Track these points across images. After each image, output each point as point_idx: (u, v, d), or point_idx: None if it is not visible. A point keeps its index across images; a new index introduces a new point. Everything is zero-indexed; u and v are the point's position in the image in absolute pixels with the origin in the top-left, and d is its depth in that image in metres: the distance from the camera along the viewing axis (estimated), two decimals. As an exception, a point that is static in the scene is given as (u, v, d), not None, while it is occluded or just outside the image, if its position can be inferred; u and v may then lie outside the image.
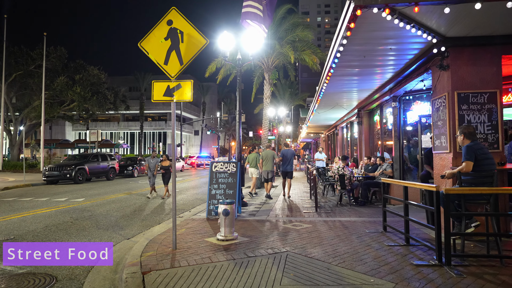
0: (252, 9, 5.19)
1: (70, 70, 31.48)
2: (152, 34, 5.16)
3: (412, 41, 5.50)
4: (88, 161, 18.88)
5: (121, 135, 60.19)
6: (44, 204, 10.25)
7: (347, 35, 4.62)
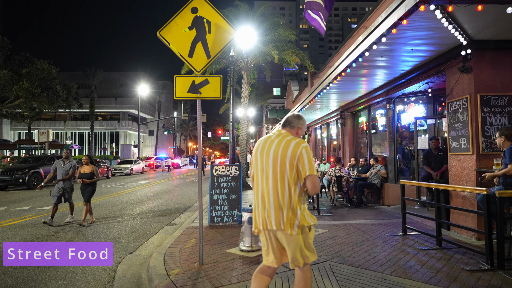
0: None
1: (15, 63, 28.39)
2: (174, 23, 4.56)
3: (436, 42, 5.48)
4: (43, 164, 17.06)
5: (68, 135, 55.93)
6: (5, 214, 8.92)
7: (393, 32, 4.42)
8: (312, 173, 2.56)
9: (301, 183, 2.62)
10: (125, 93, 56.90)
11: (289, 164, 2.59)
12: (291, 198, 2.58)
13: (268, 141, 2.78)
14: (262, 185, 2.71)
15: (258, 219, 2.72)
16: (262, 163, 2.72)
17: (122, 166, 28.01)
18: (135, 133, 55.65)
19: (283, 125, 2.87)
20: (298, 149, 2.59)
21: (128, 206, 10.50)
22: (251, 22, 13.34)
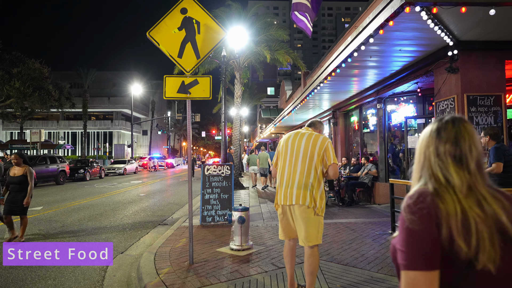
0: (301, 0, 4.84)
1: (6, 62, 28.07)
2: (163, 23, 4.58)
3: (424, 43, 5.57)
4: (35, 164, 16.92)
5: (61, 135, 55.45)
6: (-4, 215, 8.85)
7: (380, 33, 4.49)
8: (335, 162, 3.21)
9: (323, 169, 3.20)
10: (118, 92, 56.57)
11: (317, 153, 3.18)
12: (315, 180, 3.15)
13: (298, 134, 3.36)
14: (290, 168, 3.25)
15: (280, 197, 3.26)
16: (293, 150, 3.28)
17: (115, 166, 27.88)
18: (128, 133, 55.34)
19: (309, 126, 3.55)
20: (325, 143, 3.23)
21: (120, 206, 10.48)
22: (244, 22, 13.37)
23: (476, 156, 1.11)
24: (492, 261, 0.97)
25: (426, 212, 1.01)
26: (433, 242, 0.99)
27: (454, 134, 1.14)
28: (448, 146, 1.12)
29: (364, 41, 4.91)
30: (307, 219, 3.11)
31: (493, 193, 1.07)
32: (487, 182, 1.11)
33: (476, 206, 1.03)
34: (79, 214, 8.90)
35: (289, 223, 3.29)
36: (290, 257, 3.41)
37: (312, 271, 3.16)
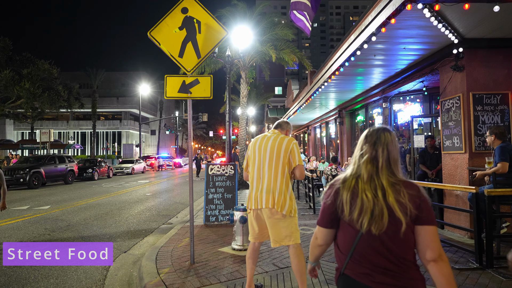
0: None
1: (16, 63, 28.53)
2: (164, 23, 4.59)
3: (428, 41, 5.48)
4: (44, 164, 17.16)
5: (71, 135, 56.15)
6: (4, 214, 8.98)
7: (382, 31, 4.43)
8: (301, 163, 3.26)
9: (289, 171, 3.25)
10: (126, 92, 57.07)
11: (283, 155, 3.24)
12: (282, 183, 3.21)
13: (265, 138, 3.44)
14: (258, 172, 3.32)
15: (251, 200, 3.32)
16: (260, 154, 3.34)
17: (123, 165, 28.12)
18: (137, 133, 55.77)
19: (275, 127, 3.58)
20: (290, 145, 3.28)
21: (126, 205, 10.56)
22: (249, 21, 13.35)
23: (386, 156, 1.55)
24: (373, 228, 1.45)
25: (330, 191, 1.62)
26: (329, 213, 1.60)
27: (374, 140, 1.60)
28: (368, 147, 1.60)
29: (366, 39, 4.86)
30: (277, 221, 3.19)
31: (392, 182, 1.51)
32: (392, 174, 1.54)
33: (369, 191, 1.50)
34: (85, 213, 8.99)
35: (262, 226, 3.33)
36: (253, 258, 3.46)
37: (299, 270, 3.20)
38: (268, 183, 3.22)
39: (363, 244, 1.49)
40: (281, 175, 3.21)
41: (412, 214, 1.45)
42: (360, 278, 1.49)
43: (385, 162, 1.54)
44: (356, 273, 1.51)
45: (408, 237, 1.46)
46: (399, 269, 1.46)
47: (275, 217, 3.18)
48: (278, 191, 3.18)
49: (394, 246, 1.46)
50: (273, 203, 3.16)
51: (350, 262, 1.53)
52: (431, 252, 1.45)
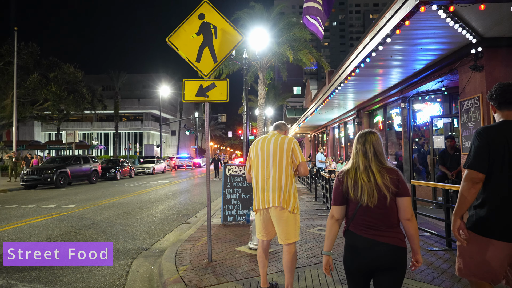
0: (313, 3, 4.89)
1: (43, 67, 29.76)
2: (182, 29, 4.76)
3: (446, 41, 5.43)
4: (69, 164, 17.84)
5: (95, 136, 57.90)
6: (33, 212, 9.47)
7: (397, 33, 4.44)
8: (303, 160, 3.42)
9: (294, 169, 3.43)
10: (147, 94, 58.31)
11: (286, 154, 3.40)
12: (287, 181, 3.37)
13: (265, 140, 3.58)
14: (262, 173, 3.46)
15: (257, 201, 3.48)
16: (263, 155, 3.48)
17: (145, 165, 28.80)
18: (157, 133, 56.88)
19: (274, 129, 3.71)
20: (291, 144, 3.43)
21: (147, 204, 10.87)
22: (266, 23, 13.45)
23: (373, 151, 2.23)
24: (369, 202, 2.14)
25: (338, 181, 2.29)
26: (339, 195, 2.27)
27: (363, 140, 2.28)
28: (360, 146, 2.28)
29: (381, 41, 4.87)
30: (284, 219, 3.35)
31: (380, 169, 2.18)
32: (380, 163, 2.21)
33: (365, 177, 2.18)
34: (109, 212, 9.33)
35: (269, 225, 3.49)
36: (264, 257, 3.58)
37: (290, 267, 3.36)
38: (273, 182, 3.36)
39: (360, 212, 2.20)
40: (285, 173, 3.37)
41: (393, 190, 2.14)
42: (357, 231, 2.21)
43: (373, 155, 2.22)
44: (355, 229, 2.23)
45: (392, 206, 2.16)
46: (386, 227, 2.16)
47: (282, 214, 3.34)
48: (283, 189, 3.34)
49: (382, 212, 2.16)
50: (279, 201, 3.32)
51: (352, 223, 2.24)
52: (406, 214, 2.16)
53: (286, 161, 3.38)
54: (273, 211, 3.38)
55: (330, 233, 2.32)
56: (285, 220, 3.36)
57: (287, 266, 3.37)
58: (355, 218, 2.22)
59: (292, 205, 3.36)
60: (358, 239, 2.19)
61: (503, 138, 2.20)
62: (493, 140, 2.20)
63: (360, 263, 2.19)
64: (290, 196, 3.36)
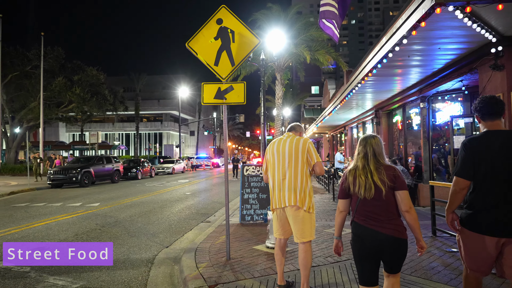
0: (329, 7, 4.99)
1: (68, 70, 30.85)
2: (201, 34, 4.92)
3: (464, 40, 5.37)
4: (93, 164, 18.45)
5: (116, 136, 59.38)
6: (60, 210, 9.90)
7: (412, 34, 4.45)
8: (319, 160, 3.56)
9: (309, 169, 3.54)
10: (167, 95, 59.31)
11: (301, 155, 3.50)
12: (302, 181, 3.47)
13: (281, 141, 3.70)
14: (278, 173, 3.57)
15: (274, 200, 3.61)
16: (279, 157, 3.60)
17: (165, 165, 29.38)
18: (176, 134, 57.77)
19: (289, 130, 3.85)
20: (306, 144, 3.56)
21: (167, 203, 11.15)
22: (283, 23, 13.52)
23: (372, 152, 2.58)
24: (366, 195, 2.49)
25: (343, 179, 2.68)
26: (343, 191, 2.66)
27: (364, 143, 2.64)
28: (361, 148, 2.65)
29: (398, 42, 4.87)
30: (300, 218, 3.46)
31: (377, 167, 2.53)
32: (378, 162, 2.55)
33: (363, 175, 2.53)
34: (131, 211, 9.65)
35: (285, 224, 3.61)
36: (281, 255, 3.68)
37: (306, 265, 3.45)
38: (289, 182, 3.48)
39: (361, 204, 2.55)
40: (301, 173, 3.47)
41: (389, 185, 2.46)
42: (360, 222, 2.55)
43: (372, 156, 2.57)
44: (359, 220, 2.57)
45: (388, 198, 2.47)
46: (386, 218, 2.47)
47: (298, 213, 3.45)
48: (299, 189, 3.45)
49: (379, 204, 2.48)
50: (295, 201, 3.43)
51: (356, 214, 2.60)
52: (404, 206, 2.46)
53: (301, 161, 3.48)
54: (289, 210, 3.49)
55: (337, 222, 2.74)
56: (300, 219, 3.46)
57: (303, 264, 3.46)
58: (358, 210, 2.57)
59: (308, 204, 3.46)
60: (362, 229, 2.54)
61: (484, 147, 2.50)
62: (477, 150, 2.51)
63: (363, 250, 2.54)
64: (305, 196, 3.45)
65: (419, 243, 2.53)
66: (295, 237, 3.52)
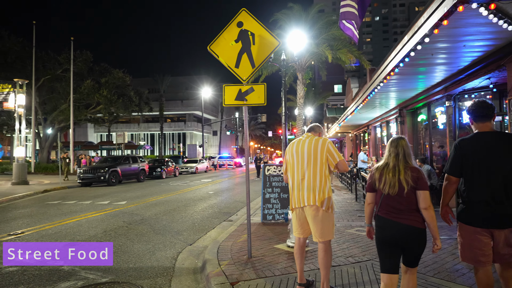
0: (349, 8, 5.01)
1: (95, 73, 32.00)
2: (222, 37, 5.04)
3: (491, 37, 5.22)
4: (120, 163, 19.07)
5: (141, 136, 60.97)
6: (90, 207, 10.34)
7: (435, 32, 4.39)
8: (341, 158, 3.58)
9: (330, 168, 3.57)
10: (190, 95, 60.29)
11: (320, 155, 3.54)
12: (321, 181, 3.51)
13: (300, 141, 3.76)
14: (298, 173, 3.62)
15: (293, 200, 3.67)
16: (298, 157, 3.64)
17: (188, 165, 29.92)
18: (199, 134, 58.61)
19: (308, 130, 3.92)
20: (325, 144, 3.58)
21: (191, 202, 11.40)
22: (304, 23, 13.50)
23: (402, 153, 2.83)
24: (390, 191, 2.79)
25: (370, 175, 3.00)
26: (370, 184, 2.97)
27: (396, 144, 2.90)
28: (393, 148, 2.89)
29: (419, 40, 4.80)
30: (319, 218, 3.51)
31: (405, 167, 2.78)
32: (406, 163, 2.80)
33: (391, 173, 2.81)
34: (156, 209, 9.94)
35: (304, 223, 3.67)
36: (300, 253, 3.72)
37: (325, 264, 3.49)
38: (308, 182, 3.53)
39: (384, 199, 2.85)
40: (320, 173, 3.51)
41: (411, 185, 2.74)
42: (383, 215, 2.85)
43: (402, 157, 2.82)
44: (382, 213, 2.87)
45: (410, 196, 2.76)
46: (406, 211, 2.77)
47: (317, 213, 3.50)
48: (318, 189, 3.49)
49: (401, 200, 2.77)
50: (314, 200, 3.48)
51: (380, 208, 2.89)
52: (423, 204, 2.73)
53: (320, 162, 3.52)
54: (308, 210, 3.54)
55: (367, 212, 3.08)
56: (320, 218, 3.50)
57: (322, 263, 3.51)
58: (381, 204, 2.87)
59: (327, 204, 3.49)
60: (384, 221, 2.84)
61: (472, 148, 2.77)
62: (465, 150, 2.78)
63: (384, 239, 2.85)
64: (324, 196, 3.49)
65: (434, 240, 2.80)
66: (314, 237, 3.56)
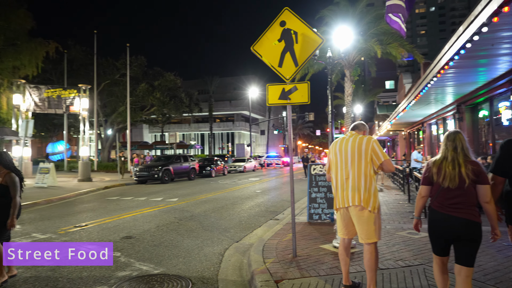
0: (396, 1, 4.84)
1: (149, 77, 33.84)
2: (265, 37, 5.09)
3: None
4: (172, 162, 19.98)
5: (192, 136, 63.24)
6: (145, 203, 10.98)
7: (494, 21, 4.05)
8: (386, 158, 3.44)
9: (374, 168, 3.44)
10: (238, 96, 61.34)
11: (364, 154, 3.44)
12: (366, 180, 3.41)
13: (344, 140, 3.66)
14: (341, 173, 3.54)
15: (337, 200, 3.59)
16: (342, 156, 3.56)
17: (236, 164, 30.50)
18: (247, 133, 59.47)
19: (352, 129, 3.77)
20: (370, 143, 3.46)
21: (238, 200, 11.63)
22: (351, 18, 13.09)
23: (461, 146, 2.84)
24: (450, 185, 2.80)
25: (426, 168, 3.02)
26: (427, 177, 2.98)
27: (453, 137, 2.90)
28: (450, 142, 2.90)
29: (476, 30, 4.46)
30: (365, 219, 3.41)
31: (465, 161, 2.77)
32: (465, 156, 2.79)
33: (451, 166, 2.82)
34: (205, 206, 10.29)
35: (349, 224, 3.59)
36: (345, 254, 3.63)
37: (371, 267, 3.39)
38: (353, 182, 3.43)
39: (442, 193, 2.87)
40: (365, 173, 3.41)
41: (472, 178, 2.74)
42: (436, 208, 2.90)
43: (461, 150, 2.83)
44: (435, 206, 2.91)
45: (470, 190, 2.76)
46: (462, 205, 2.78)
47: (362, 214, 3.40)
48: (363, 189, 3.39)
49: (460, 193, 2.79)
50: (359, 200, 3.38)
51: (434, 201, 2.92)
52: (485, 198, 2.74)
53: (364, 161, 3.41)
54: (352, 210, 3.46)
55: (418, 205, 3.10)
56: (365, 219, 3.41)
57: (368, 266, 3.41)
58: (437, 197, 2.90)
59: (373, 204, 3.39)
60: (437, 214, 2.88)
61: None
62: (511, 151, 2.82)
63: (437, 231, 2.92)
64: (370, 196, 3.39)
65: (494, 230, 2.81)
66: (360, 238, 3.47)
